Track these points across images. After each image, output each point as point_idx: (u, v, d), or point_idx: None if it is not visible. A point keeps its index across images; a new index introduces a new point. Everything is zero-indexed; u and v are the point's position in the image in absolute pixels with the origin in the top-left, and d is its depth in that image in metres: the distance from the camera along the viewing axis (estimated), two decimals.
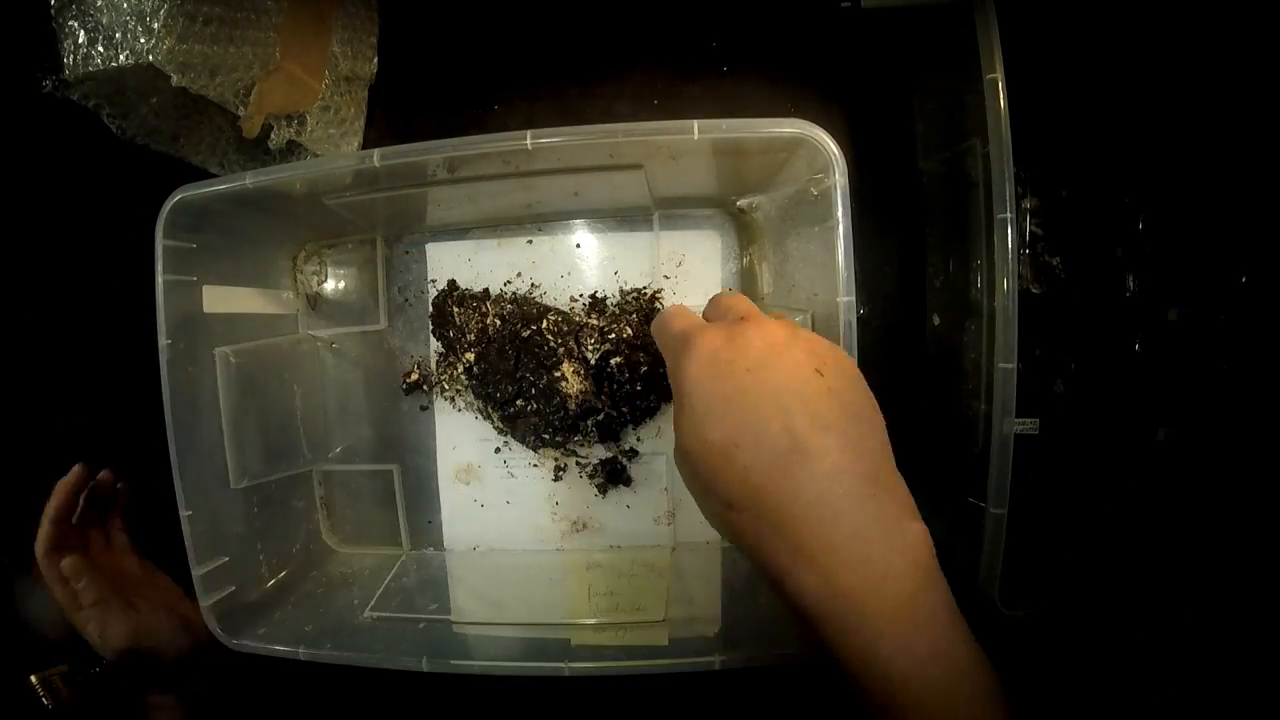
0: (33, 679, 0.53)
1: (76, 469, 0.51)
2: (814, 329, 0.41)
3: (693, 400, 0.29)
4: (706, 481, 0.28)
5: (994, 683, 0.25)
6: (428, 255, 0.56)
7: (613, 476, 0.54)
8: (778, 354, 0.28)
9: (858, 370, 0.31)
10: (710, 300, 0.35)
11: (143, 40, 0.39)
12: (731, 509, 0.27)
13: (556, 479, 0.55)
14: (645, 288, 0.53)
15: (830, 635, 0.25)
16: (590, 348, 0.51)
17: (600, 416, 0.52)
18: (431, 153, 0.40)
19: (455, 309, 0.54)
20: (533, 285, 0.55)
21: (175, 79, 0.41)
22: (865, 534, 0.25)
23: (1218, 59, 0.48)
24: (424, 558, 0.57)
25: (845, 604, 0.25)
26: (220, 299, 0.48)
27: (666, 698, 0.56)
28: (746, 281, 0.53)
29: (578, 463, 0.55)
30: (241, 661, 0.46)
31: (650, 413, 0.53)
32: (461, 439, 0.56)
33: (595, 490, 0.55)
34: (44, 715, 0.53)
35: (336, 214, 0.49)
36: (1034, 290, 0.52)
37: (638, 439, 0.54)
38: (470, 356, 0.53)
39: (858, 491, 0.26)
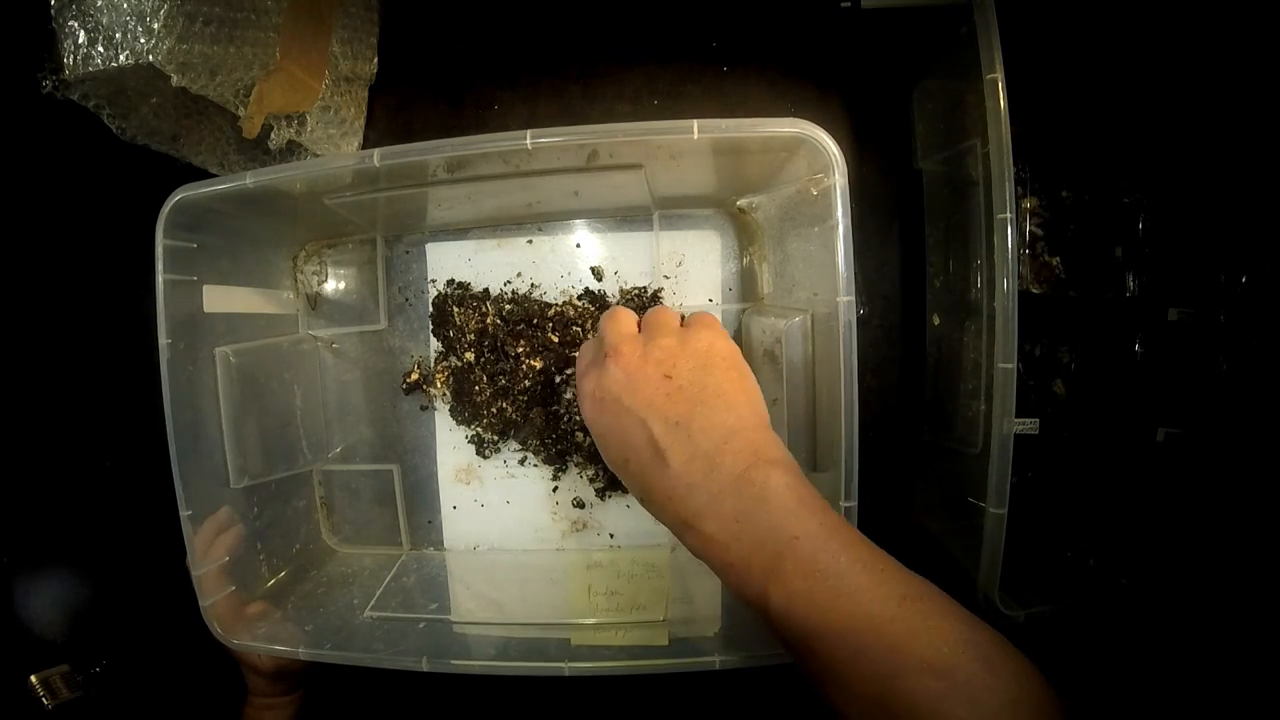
0: (33, 679, 0.53)
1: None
2: (813, 329, 0.41)
3: (597, 435, 0.37)
4: (625, 484, 0.37)
5: (911, 592, 0.28)
6: (428, 255, 0.56)
7: (613, 483, 0.54)
8: (633, 377, 0.35)
9: (713, 345, 0.36)
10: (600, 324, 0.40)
11: (143, 40, 0.39)
12: (644, 501, 0.35)
13: (556, 479, 0.55)
14: (645, 287, 0.53)
15: (719, 573, 0.32)
16: None
17: None
18: (431, 153, 0.40)
19: (455, 309, 0.54)
20: (533, 285, 0.55)
21: (175, 79, 0.41)
22: (715, 495, 0.31)
23: (1218, 59, 0.48)
24: (424, 558, 0.57)
25: (716, 548, 0.31)
26: (220, 299, 0.48)
27: (666, 698, 0.56)
28: (746, 281, 0.53)
29: (577, 464, 0.55)
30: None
31: None
32: (461, 439, 0.56)
33: (595, 491, 0.55)
34: (44, 715, 0.53)
35: (336, 214, 0.49)
36: (1034, 290, 0.52)
37: None
38: (470, 356, 0.53)
39: (704, 467, 0.32)
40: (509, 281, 0.55)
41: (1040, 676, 0.27)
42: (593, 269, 0.54)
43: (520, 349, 0.52)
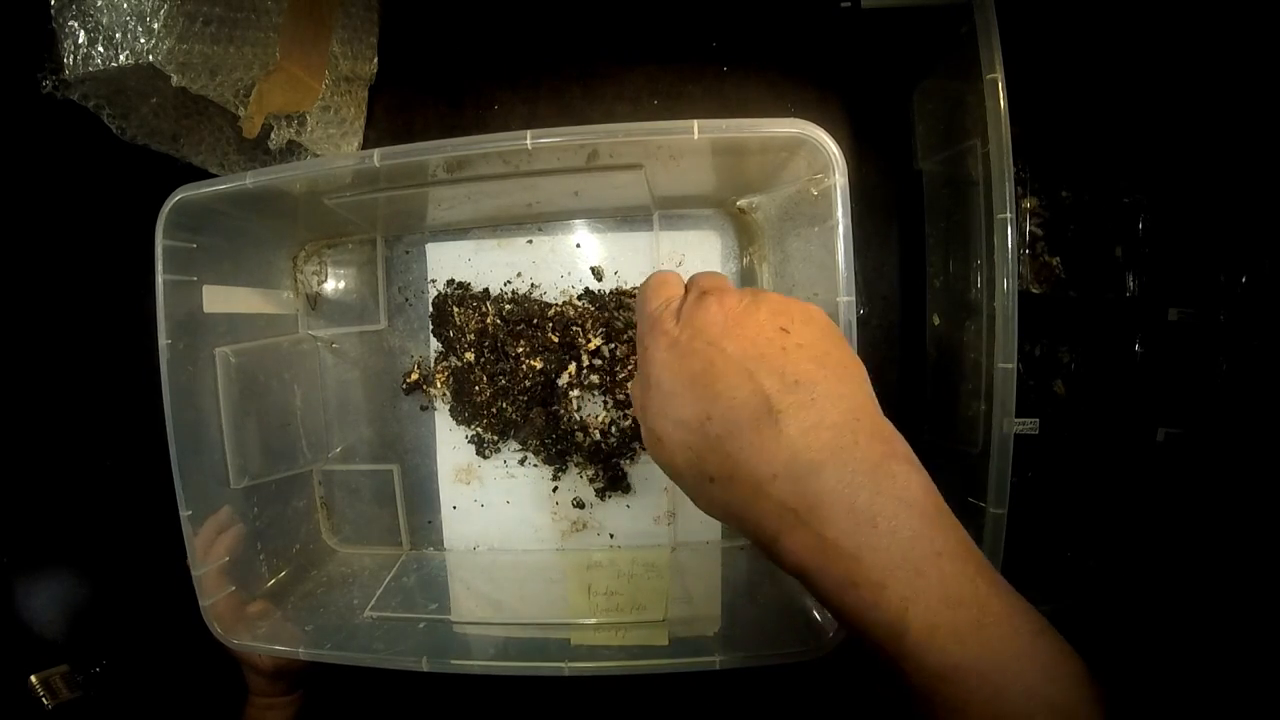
0: (33, 679, 0.53)
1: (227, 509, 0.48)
2: None
3: (660, 382, 0.29)
4: (683, 460, 0.28)
5: (1039, 624, 0.24)
6: (428, 255, 0.56)
7: (613, 483, 0.54)
8: (739, 322, 0.28)
9: (830, 321, 0.30)
10: (689, 280, 0.34)
11: (143, 40, 0.39)
12: (713, 482, 0.27)
13: (556, 479, 0.55)
14: None
15: (829, 592, 0.25)
16: (590, 346, 0.51)
17: (597, 436, 0.53)
18: (431, 153, 0.40)
19: (455, 309, 0.54)
20: (533, 285, 0.55)
21: (175, 79, 0.41)
22: (847, 482, 0.25)
23: (1218, 59, 0.48)
24: (424, 558, 0.57)
25: (837, 557, 0.24)
26: (220, 299, 0.48)
27: (666, 698, 0.56)
28: (746, 281, 0.53)
29: (577, 464, 0.55)
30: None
31: None
32: (461, 439, 0.56)
33: (595, 491, 0.55)
34: (44, 715, 0.53)
35: (336, 214, 0.49)
36: (1034, 290, 0.52)
37: (640, 446, 0.54)
38: (470, 356, 0.53)
39: (834, 443, 0.25)
40: (509, 281, 0.55)
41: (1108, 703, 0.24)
42: (593, 269, 0.54)
43: (520, 349, 0.52)
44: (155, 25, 0.39)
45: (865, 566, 0.24)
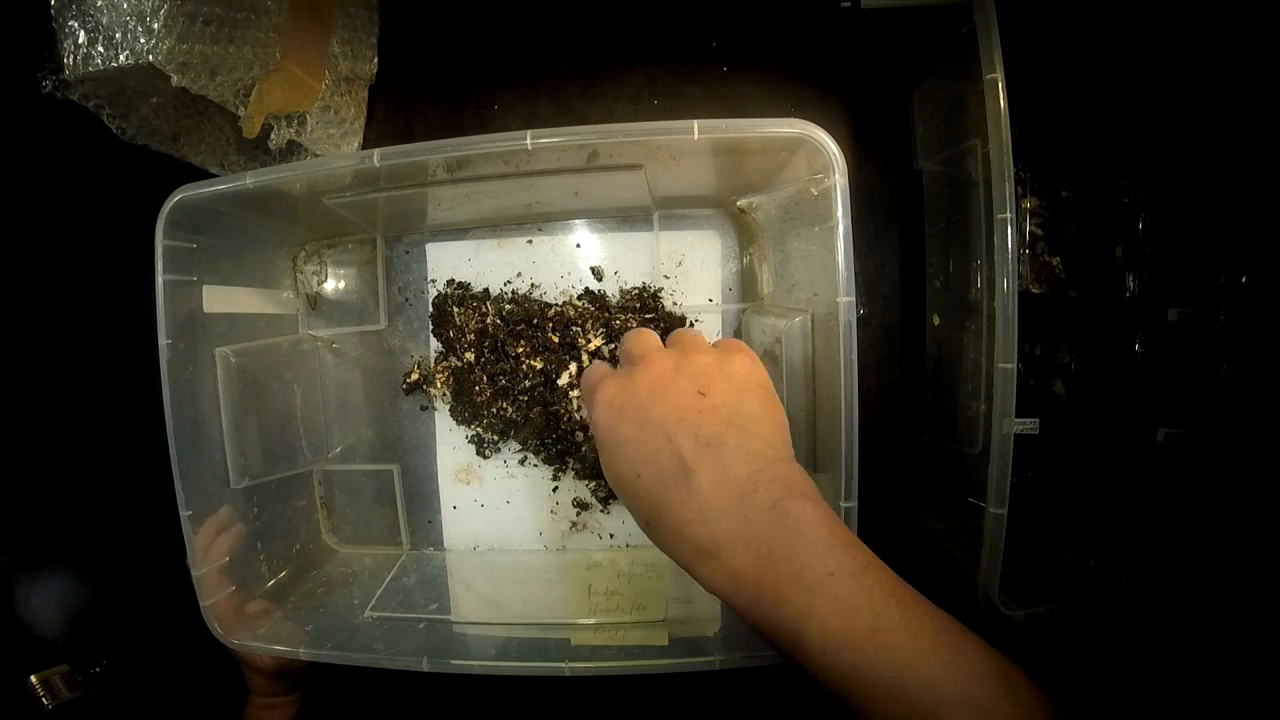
0: (33, 679, 0.53)
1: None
2: (813, 329, 0.41)
3: (603, 442, 0.34)
4: (626, 504, 0.34)
5: (941, 626, 0.27)
6: (428, 255, 0.56)
7: None
8: (663, 388, 0.33)
9: (751, 371, 0.34)
10: (621, 347, 0.39)
11: (143, 40, 0.39)
12: (648, 524, 0.33)
13: (556, 479, 0.55)
14: (645, 287, 0.53)
15: (741, 610, 0.30)
16: (590, 346, 0.51)
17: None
18: (431, 153, 0.40)
19: (455, 309, 0.54)
20: (533, 285, 0.55)
21: (175, 79, 0.40)
22: (746, 523, 0.30)
23: (1218, 59, 0.48)
24: (424, 558, 0.57)
25: (742, 583, 0.29)
26: (220, 299, 0.48)
27: (666, 698, 0.56)
28: (746, 281, 0.53)
29: (575, 466, 0.55)
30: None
31: None
32: (461, 439, 0.56)
33: (598, 500, 0.55)
34: (44, 715, 0.53)
35: (336, 214, 0.49)
36: (1034, 290, 0.52)
37: None
38: (470, 356, 0.53)
39: (737, 492, 0.30)
40: (509, 281, 0.55)
41: (1053, 705, 0.26)
42: (593, 269, 0.54)
43: (520, 349, 0.52)
44: (155, 25, 0.39)
45: (765, 589, 0.29)
